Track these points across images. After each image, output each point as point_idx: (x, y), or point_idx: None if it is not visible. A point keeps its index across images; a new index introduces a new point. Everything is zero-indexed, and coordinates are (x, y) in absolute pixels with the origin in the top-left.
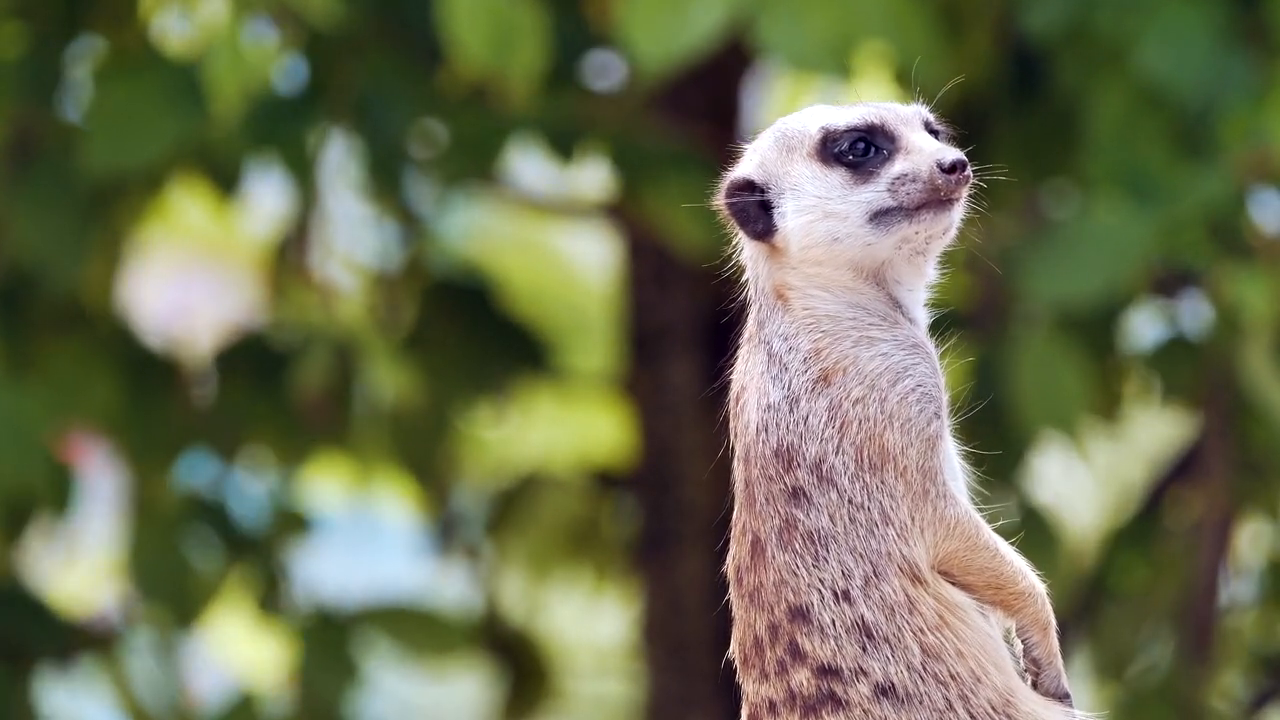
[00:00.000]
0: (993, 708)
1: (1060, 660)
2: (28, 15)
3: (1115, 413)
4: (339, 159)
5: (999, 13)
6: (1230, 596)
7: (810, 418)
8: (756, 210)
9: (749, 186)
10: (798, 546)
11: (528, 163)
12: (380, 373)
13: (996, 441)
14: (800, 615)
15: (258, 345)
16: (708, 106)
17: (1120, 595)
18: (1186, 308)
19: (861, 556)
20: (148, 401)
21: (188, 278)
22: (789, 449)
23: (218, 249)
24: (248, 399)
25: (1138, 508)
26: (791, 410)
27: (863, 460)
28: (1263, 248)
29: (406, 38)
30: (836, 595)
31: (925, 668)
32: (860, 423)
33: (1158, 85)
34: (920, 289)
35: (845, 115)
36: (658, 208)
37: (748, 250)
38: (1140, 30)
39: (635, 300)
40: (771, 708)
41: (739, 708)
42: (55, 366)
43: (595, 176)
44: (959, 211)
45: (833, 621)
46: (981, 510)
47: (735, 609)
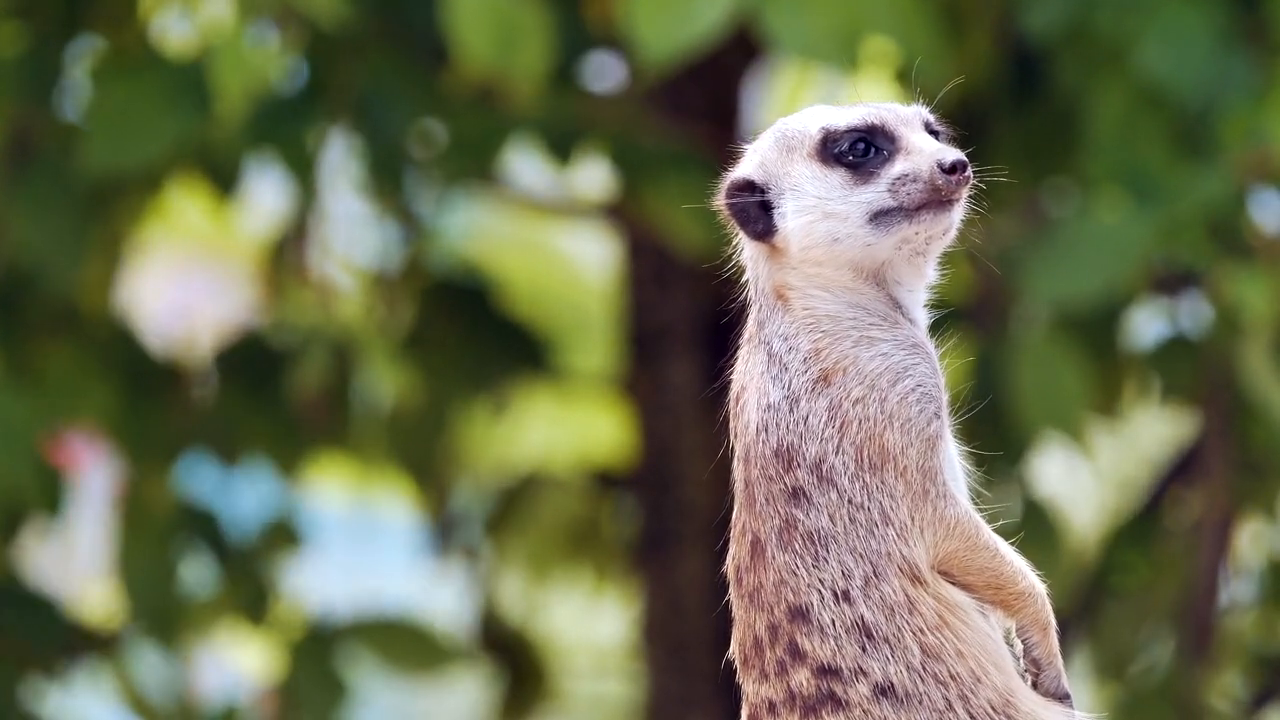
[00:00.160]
0: (992, 708)
1: (1060, 660)
2: (27, 15)
3: (1115, 412)
4: (339, 158)
5: (999, 13)
6: (1230, 596)
7: (810, 418)
8: (757, 210)
9: (749, 187)
10: (798, 546)
11: (528, 163)
12: (379, 373)
13: (997, 442)
14: (800, 615)
15: (257, 345)
16: (708, 106)
17: (1120, 595)
18: (1187, 307)
19: (861, 556)
20: (145, 404)
21: (187, 278)
22: (789, 449)
23: (217, 249)
24: (247, 399)
25: (1138, 507)
26: (791, 410)
27: (863, 460)
28: (1263, 248)
29: (408, 37)
30: (836, 595)
31: (925, 668)
32: (860, 423)
33: (1158, 85)
34: (920, 289)
35: (845, 116)
36: (658, 208)
37: (748, 250)
38: (1140, 30)
39: (635, 300)
40: (771, 708)
41: (739, 708)
42: (52, 369)
43: (595, 176)
44: (959, 212)
45: (832, 621)
46: (982, 510)
47: (735, 609)
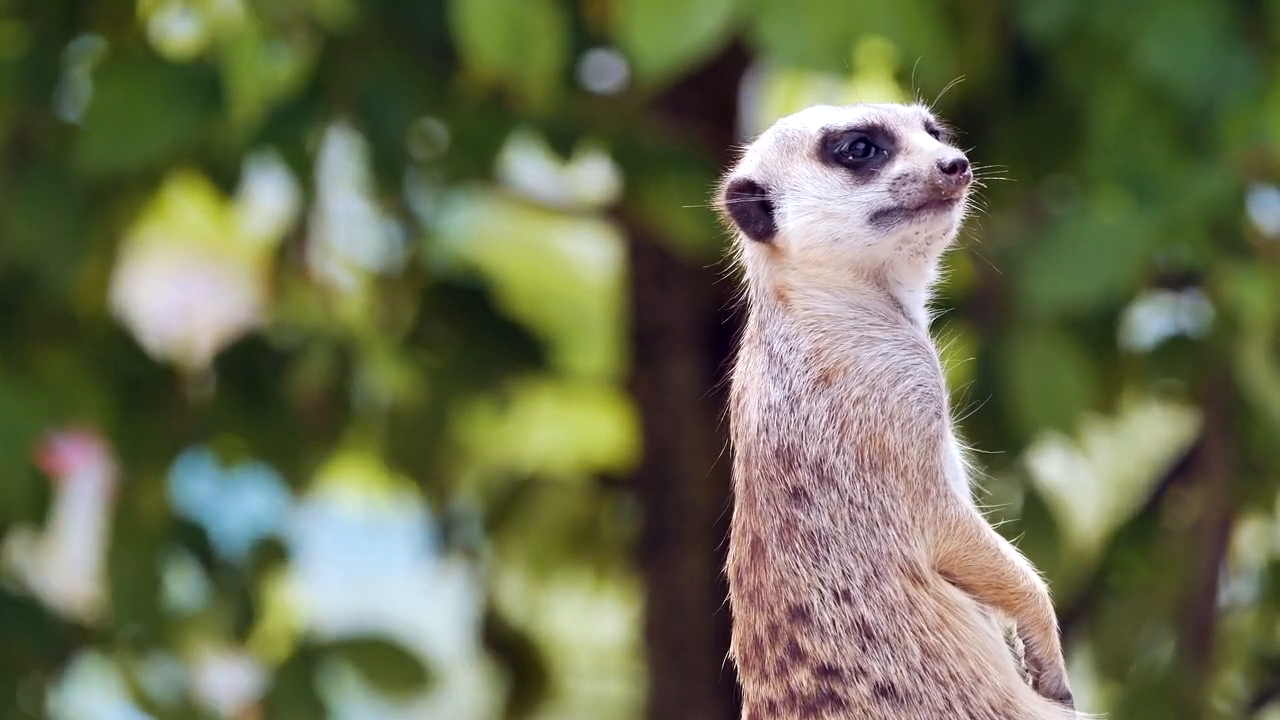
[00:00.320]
0: (992, 708)
1: (1061, 660)
2: (27, 15)
3: (1115, 411)
4: (339, 158)
5: (999, 12)
6: (1230, 596)
7: (811, 418)
8: (757, 211)
9: (749, 187)
10: (798, 546)
11: (528, 163)
12: (380, 373)
13: (997, 441)
14: (800, 615)
15: (257, 345)
16: (708, 107)
17: (1120, 594)
18: (1187, 305)
19: (862, 556)
20: (142, 408)
21: (187, 278)
22: (790, 449)
23: (217, 249)
24: (246, 399)
25: (1138, 507)
26: (792, 410)
27: (863, 460)
28: (1263, 248)
29: (410, 37)
30: (837, 595)
31: (925, 668)
32: (861, 422)
33: (1159, 83)
34: (921, 289)
35: (845, 116)
36: (658, 208)
37: (748, 251)
38: (1141, 28)
39: (635, 300)
40: (771, 708)
41: (739, 708)
42: (48, 374)
43: (595, 176)
44: (959, 212)
45: (833, 621)
46: (982, 509)
47: (735, 609)
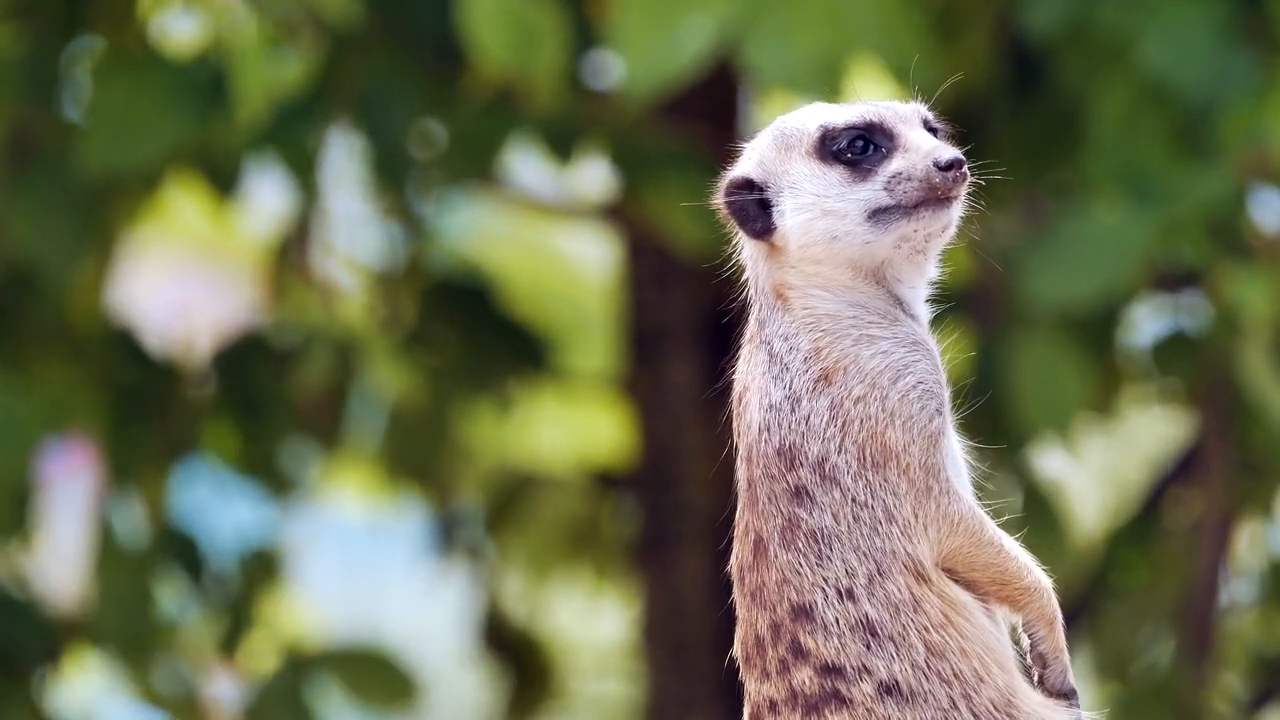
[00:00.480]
0: (995, 706)
1: (1067, 656)
2: (28, 15)
3: (1114, 411)
4: (340, 158)
5: (999, 12)
6: (1230, 596)
7: (812, 417)
8: (755, 209)
9: (748, 185)
10: (801, 545)
11: (528, 163)
12: (381, 373)
13: (997, 438)
14: (803, 614)
15: (257, 345)
16: (707, 107)
17: (1120, 594)
18: (1187, 305)
19: (865, 555)
20: (139, 415)
21: (187, 278)
22: (791, 448)
23: (217, 249)
24: (245, 402)
25: (1138, 507)
26: (793, 410)
27: (865, 458)
28: (1263, 247)
29: (411, 37)
30: (840, 594)
31: (929, 666)
32: (862, 421)
33: (1159, 82)
34: (922, 286)
35: (843, 113)
36: (658, 208)
37: (747, 250)
38: (1141, 26)
39: (635, 300)
40: (772, 707)
41: (741, 707)
42: (43, 381)
43: (595, 176)
44: (957, 209)
45: (836, 620)
46: (985, 505)
47: (738, 608)
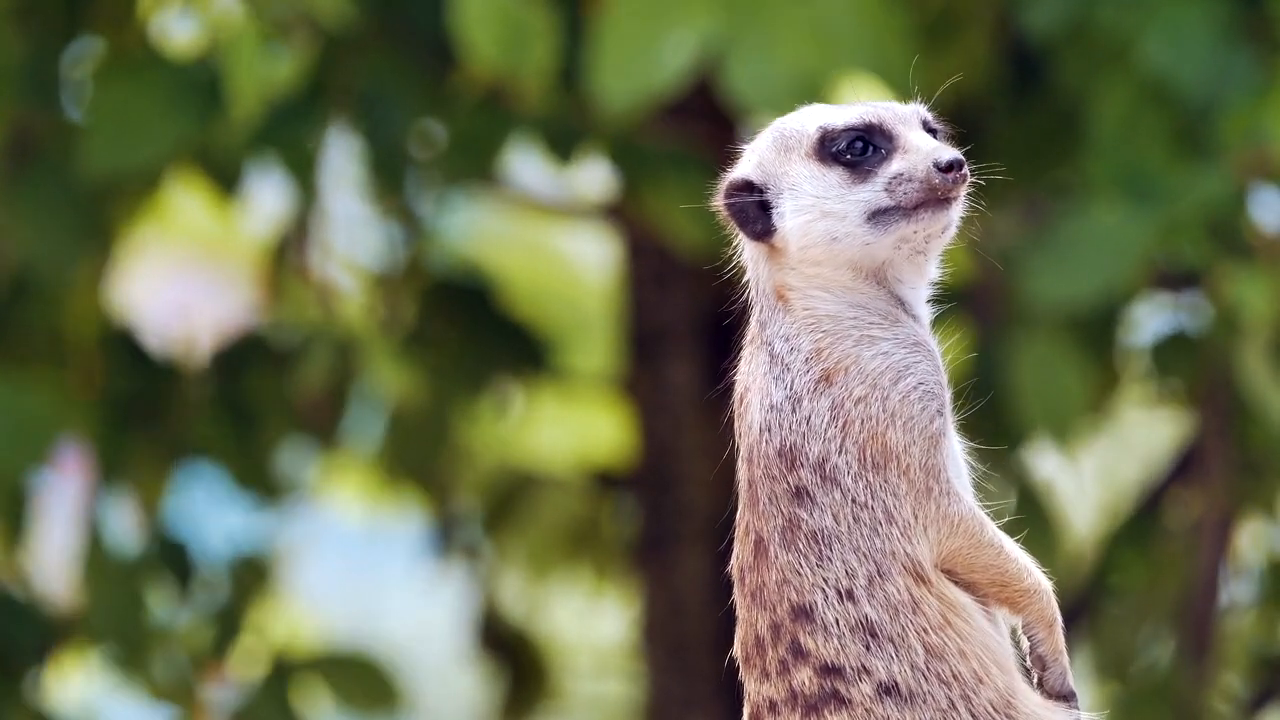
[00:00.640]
0: (994, 708)
1: (1066, 658)
2: (28, 16)
3: (1114, 411)
4: (339, 159)
5: (998, 11)
6: (1230, 596)
7: (813, 417)
8: (755, 210)
9: (748, 187)
10: (801, 546)
11: (528, 163)
12: (380, 373)
13: (996, 438)
14: (803, 614)
15: (257, 346)
16: (706, 107)
17: (1120, 594)
18: (1186, 305)
19: (865, 556)
20: (136, 422)
21: (186, 278)
22: (792, 449)
23: (217, 249)
24: (247, 399)
25: (1137, 507)
26: (794, 410)
27: (866, 459)
28: (1263, 247)
29: (409, 37)
30: (840, 594)
31: (928, 667)
32: (863, 422)
33: (1159, 82)
34: (923, 286)
35: (843, 115)
36: (657, 208)
37: (748, 251)
38: (1142, 26)
39: (635, 300)
40: (772, 707)
41: (740, 708)
42: (37, 391)
43: (595, 176)
44: (957, 210)
45: (836, 620)
46: (984, 506)
47: (738, 608)
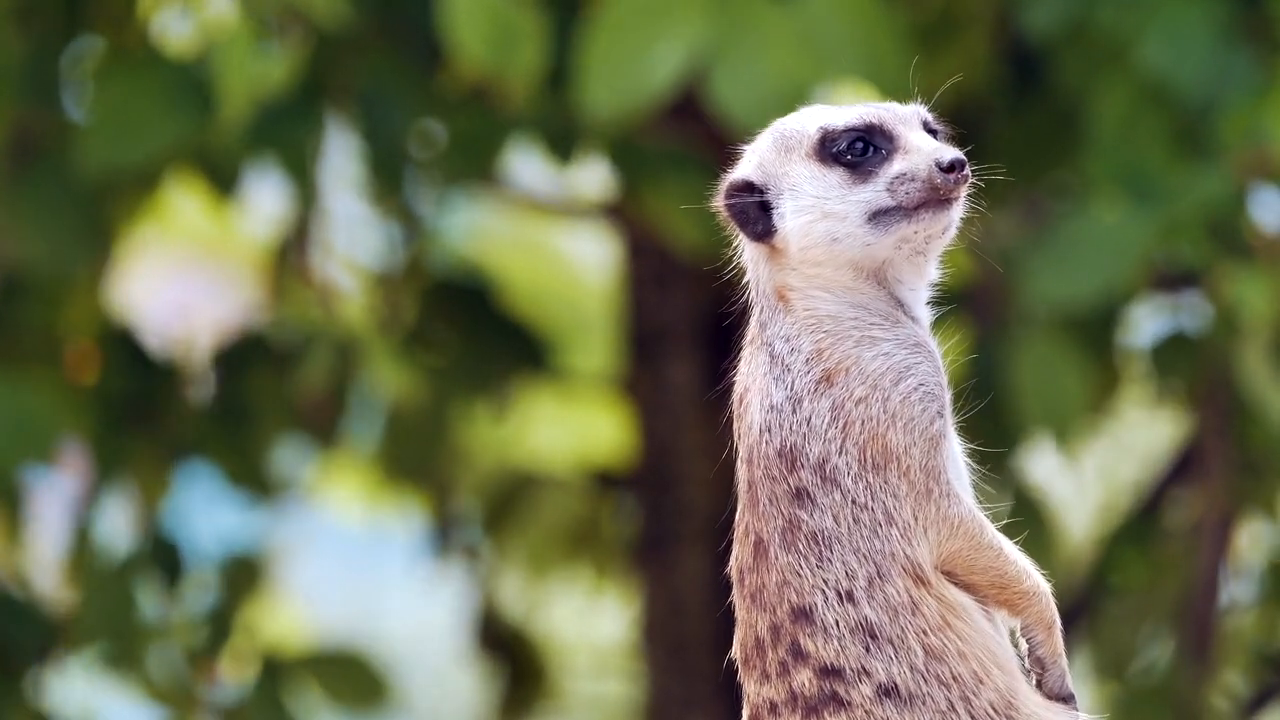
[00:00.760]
0: (994, 709)
1: (1065, 660)
2: (28, 16)
3: (1113, 411)
4: (339, 159)
5: (997, 12)
6: (1230, 596)
7: (813, 418)
8: (756, 211)
9: (748, 187)
10: (801, 547)
11: (528, 163)
12: (380, 373)
13: (996, 438)
14: (803, 616)
15: (258, 345)
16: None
17: (1120, 594)
18: (1186, 305)
19: (865, 557)
20: (134, 424)
21: (186, 278)
22: (792, 450)
23: (217, 249)
24: (247, 399)
25: (1137, 507)
26: (794, 411)
27: (866, 460)
28: (1262, 248)
29: (407, 37)
30: (840, 596)
31: (928, 669)
32: (863, 423)
33: (1159, 82)
34: (922, 288)
35: (843, 115)
36: (657, 208)
37: (748, 252)
38: (1141, 26)
39: (635, 300)
40: (772, 708)
41: (740, 708)
42: (36, 395)
43: (595, 176)
44: (958, 211)
45: (836, 622)
46: (984, 508)
47: (737, 609)
